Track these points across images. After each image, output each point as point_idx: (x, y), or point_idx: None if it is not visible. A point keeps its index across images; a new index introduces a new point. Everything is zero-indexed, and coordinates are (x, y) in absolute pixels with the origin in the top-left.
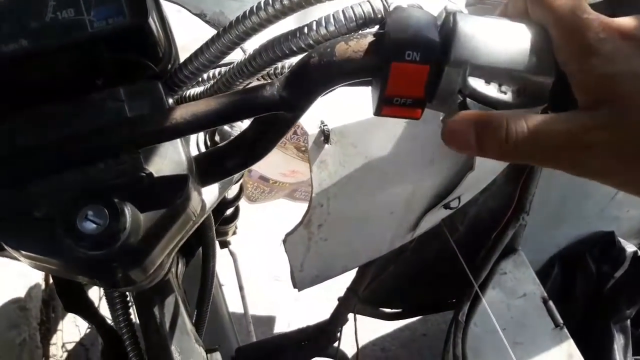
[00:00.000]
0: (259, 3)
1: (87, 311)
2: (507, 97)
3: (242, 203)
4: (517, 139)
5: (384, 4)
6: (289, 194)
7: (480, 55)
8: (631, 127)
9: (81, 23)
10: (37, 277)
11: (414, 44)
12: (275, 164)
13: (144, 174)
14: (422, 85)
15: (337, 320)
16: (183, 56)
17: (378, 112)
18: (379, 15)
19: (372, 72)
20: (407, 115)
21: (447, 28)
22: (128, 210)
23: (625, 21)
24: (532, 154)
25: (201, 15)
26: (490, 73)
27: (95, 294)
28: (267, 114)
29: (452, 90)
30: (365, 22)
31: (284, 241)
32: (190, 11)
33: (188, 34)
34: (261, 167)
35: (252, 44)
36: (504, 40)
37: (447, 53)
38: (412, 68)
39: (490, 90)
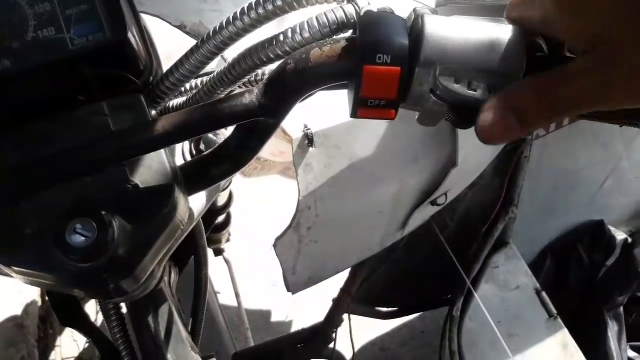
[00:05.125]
0: (235, 13)
1: (83, 324)
2: (478, 93)
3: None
4: (552, 99)
5: (355, 9)
6: (282, 172)
7: (448, 55)
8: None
9: (62, 41)
10: (33, 294)
11: (384, 47)
12: None
13: (130, 186)
14: (394, 86)
15: (331, 321)
16: (168, 65)
17: (354, 114)
18: (352, 20)
19: (346, 76)
20: (382, 116)
21: (416, 30)
22: (115, 222)
23: None
24: (566, 104)
25: (181, 27)
26: (460, 71)
27: (92, 308)
28: (248, 121)
29: (424, 89)
30: (339, 27)
31: (274, 245)
32: (170, 23)
33: (172, 44)
34: None
35: (233, 53)
36: (471, 39)
37: (416, 54)
38: (383, 70)
39: (460, 88)
